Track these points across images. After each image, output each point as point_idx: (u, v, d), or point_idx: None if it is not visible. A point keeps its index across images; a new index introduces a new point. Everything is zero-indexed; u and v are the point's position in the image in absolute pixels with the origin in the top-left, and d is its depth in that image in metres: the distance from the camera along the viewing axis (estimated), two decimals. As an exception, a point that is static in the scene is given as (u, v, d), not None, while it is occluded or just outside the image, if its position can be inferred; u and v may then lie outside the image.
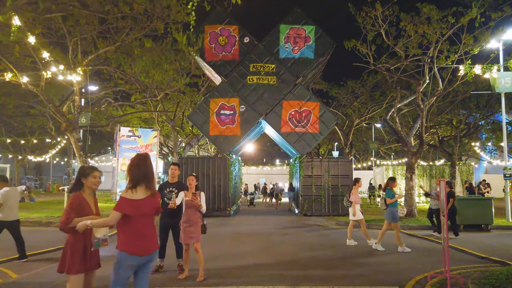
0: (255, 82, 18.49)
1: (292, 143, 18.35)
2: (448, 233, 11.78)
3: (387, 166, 28.22)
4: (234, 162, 19.42)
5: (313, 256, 8.54)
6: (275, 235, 12.00)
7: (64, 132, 14.20)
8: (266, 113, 18.42)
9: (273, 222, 15.87)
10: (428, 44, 14.44)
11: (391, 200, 9.13)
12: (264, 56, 18.52)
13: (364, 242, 10.31)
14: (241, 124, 18.43)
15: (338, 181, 18.10)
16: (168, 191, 7.00)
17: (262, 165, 46.61)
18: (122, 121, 31.22)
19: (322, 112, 18.43)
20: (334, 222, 15.34)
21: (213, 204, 17.98)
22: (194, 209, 6.32)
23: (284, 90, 18.48)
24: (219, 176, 18.09)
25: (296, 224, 14.98)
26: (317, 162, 18.47)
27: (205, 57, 18.49)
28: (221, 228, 13.60)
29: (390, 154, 42.42)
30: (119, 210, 3.57)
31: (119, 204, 3.60)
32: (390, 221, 9.24)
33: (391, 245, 9.76)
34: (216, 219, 16.78)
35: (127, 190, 3.67)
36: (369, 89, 26.46)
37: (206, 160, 18.53)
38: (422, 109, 14.54)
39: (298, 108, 18.43)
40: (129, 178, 3.78)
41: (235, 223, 15.29)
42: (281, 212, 21.03)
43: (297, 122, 18.37)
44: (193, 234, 6.23)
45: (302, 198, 18.16)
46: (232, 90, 18.46)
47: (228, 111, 18.46)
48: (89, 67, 13.73)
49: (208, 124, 18.41)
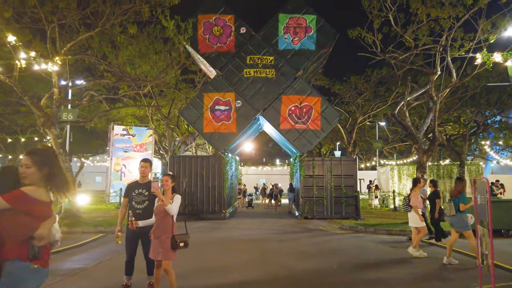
0: (252, 75, 17.25)
1: (292, 140, 17.09)
2: (435, 237, 10.73)
3: (392, 166, 26.89)
4: (229, 161, 18.18)
5: (314, 270, 7.27)
6: (271, 241, 10.73)
7: (43, 127, 12.95)
8: (264, 109, 17.16)
9: (270, 226, 14.61)
10: (440, 31, 13.17)
11: (466, 206, 7.84)
12: (261, 48, 17.27)
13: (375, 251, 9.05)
14: (237, 121, 17.18)
15: (342, 181, 16.82)
16: (137, 194, 5.76)
17: (262, 165, 45.39)
18: (115, 119, 30.07)
19: (324, 107, 17.17)
20: (337, 227, 14.06)
21: (207, 206, 16.74)
22: (163, 215, 5.08)
23: (283, 84, 17.23)
24: (213, 176, 16.86)
25: (295, 229, 13.71)
26: (319, 162, 17.20)
27: (199, 48, 17.27)
28: (212, 233, 12.35)
29: (394, 153, 41.13)
30: None
31: None
32: (461, 230, 7.91)
33: (399, 255, 8.50)
34: (210, 222, 15.53)
35: None
36: (373, 85, 25.20)
37: (200, 159, 17.29)
38: (435, 101, 13.25)
39: (298, 103, 17.18)
40: None
41: (229, 227, 14.04)
42: (280, 214, 19.77)
43: (297, 118, 17.11)
44: (159, 249, 4.98)
45: (303, 199, 16.90)
46: (227, 84, 17.22)
47: (223, 106, 17.23)
48: (69, 56, 12.50)
49: (201, 121, 17.17)
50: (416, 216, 8.52)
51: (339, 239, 11.24)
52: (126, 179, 28.51)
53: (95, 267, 7.49)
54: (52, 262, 7.69)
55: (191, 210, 16.69)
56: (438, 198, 10.34)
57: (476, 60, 12.02)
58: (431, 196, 10.51)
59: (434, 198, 10.37)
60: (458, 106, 24.02)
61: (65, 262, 7.88)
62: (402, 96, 24.53)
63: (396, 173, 26.29)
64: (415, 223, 8.60)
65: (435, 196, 10.36)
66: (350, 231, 13.07)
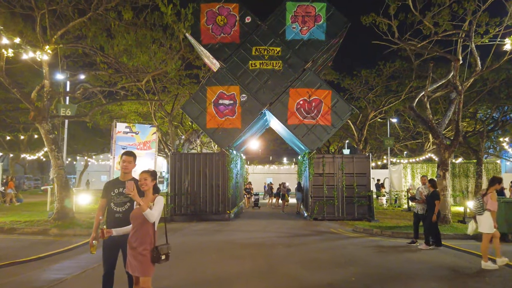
0: (258, 67, 16.22)
1: (301, 137, 16.04)
2: (429, 242, 9.37)
3: (405, 165, 25.67)
4: (234, 159, 17.20)
5: (329, 283, 6.23)
6: (278, 246, 9.71)
7: (33, 122, 12.07)
8: (271, 103, 16.13)
9: (277, 228, 13.59)
10: (463, 16, 12.01)
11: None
12: (268, 38, 16.22)
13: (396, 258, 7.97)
14: (242, 116, 16.17)
15: (354, 180, 15.73)
16: (116, 194, 4.76)
17: (269, 164, 44.34)
18: (118, 117, 29.28)
19: (334, 101, 16.08)
20: (350, 229, 12.98)
21: (211, 206, 15.77)
22: (141, 222, 4.08)
23: (291, 77, 16.17)
24: (217, 175, 15.88)
25: (304, 231, 12.68)
26: (329, 159, 16.12)
27: (201, 39, 16.28)
28: (214, 236, 11.35)
29: (404, 151, 39.84)
30: None
31: None
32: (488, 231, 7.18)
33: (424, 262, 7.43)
34: (213, 223, 14.56)
35: None
36: (385, 79, 24.02)
37: (203, 156, 16.32)
38: (460, 91, 12.06)
39: (307, 97, 16.12)
40: None
41: (233, 229, 13.05)
42: (288, 215, 18.72)
43: (306, 113, 16.05)
44: (135, 263, 3.98)
45: (312, 199, 15.84)
46: (232, 76, 16.21)
47: (227, 100, 16.23)
48: (60, 45, 11.59)
49: (204, 116, 16.20)
50: (490, 221, 7.26)
51: (353, 244, 10.17)
52: (129, 178, 27.74)
53: (76, 278, 6.54)
54: (30, 270, 6.71)
55: (194, 210, 15.74)
56: (438, 200, 9.32)
57: (505, 44, 10.83)
58: (431, 197, 9.46)
59: (433, 199, 9.34)
60: (475, 101, 22.79)
61: (45, 271, 6.96)
62: (416, 90, 23.38)
63: (410, 172, 25.08)
64: (488, 228, 7.31)
65: (435, 197, 9.33)
66: (365, 234, 11.99)
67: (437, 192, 9.42)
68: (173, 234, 11.89)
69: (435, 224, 9.36)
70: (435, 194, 9.36)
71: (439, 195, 9.46)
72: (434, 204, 9.26)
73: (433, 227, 9.37)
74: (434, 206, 9.23)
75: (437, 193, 9.41)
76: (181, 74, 24.92)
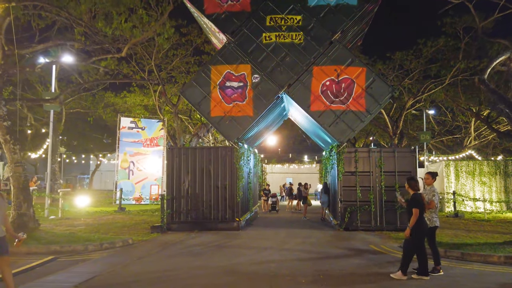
0: (274, 41, 13.12)
1: (327, 126, 12.83)
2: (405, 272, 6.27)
3: (447, 162, 21.93)
4: (247, 155, 14.18)
5: None
6: (301, 281, 6.55)
7: None
8: (289, 85, 12.99)
9: (299, 242, 10.44)
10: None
11: None
12: (286, 4, 13.09)
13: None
14: (254, 101, 13.11)
15: (395, 180, 12.42)
16: None
17: (288, 163, 41.11)
18: (122, 110, 26.74)
19: (370, 80, 12.81)
20: (397, 245, 9.71)
21: (216, 212, 12.79)
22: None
23: (314, 52, 12.98)
24: (224, 173, 12.89)
25: (336, 249, 9.48)
26: (364, 153, 12.85)
27: (204, 9, 13.32)
28: (211, 258, 8.31)
29: (441, 148, 35.86)
30: None
31: None
32: None
33: None
34: (218, 235, 11.58)
35: None
36: (424, 62, 20.48)
37: (206, 151, 13.32)
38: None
39: (335, 77, 12.90)
40: None
41: (241, 245, 9.99)
42: (311, 222, 15.51)
43: (333, 96, 12.84)
44: None
45: (342, 204, 12.62)
46: (241, 53, 13.17)
47: (236, 82, 13.20)
48: (12, 3, 8.80)
49: (208, 102, 13.21)
50: None
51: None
52: (135, 178, 25.16)
53: None
54: None
55: (195, 217, 12.79)
56: (416, 207, 6.65)
57: None
58: (408, 203, 6.92)
59: (410, 206, 6.76)
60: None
61: None
62: (463, 74, 19.77)
63: (453, 170, 21.37)
64: None
65: (413, 203, 6.77)
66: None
67: (417, 197, 6.71)
68: (160, 251, 8.96)
69: (418, 242, 6.66)
70: (414, 199, 6.70)
71: (419, 200, 6.68)
72: (411, 213, 6.62)
73: (415, 246, 6.67)
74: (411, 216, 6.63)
75: (418, 198, 6.69)
76: (188, 61, 22.20)
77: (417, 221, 6.53)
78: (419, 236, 6.64)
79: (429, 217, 7.07)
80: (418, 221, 6.54)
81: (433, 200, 7.04)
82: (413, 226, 6.53)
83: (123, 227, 13.04)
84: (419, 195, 6.79)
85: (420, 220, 6.57)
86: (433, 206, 7.06)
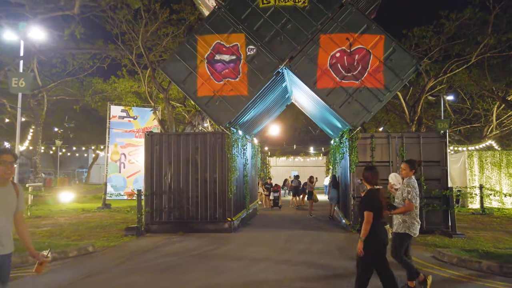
0: (272, 4, 10.87)
1: (337, 107, 10.59)
2: None
3: (471, 152, 19.54)
4: (241, 142, 12.03)
5: None
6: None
7: None
8: (292, 57, 10.74)
9: (303, 250, 8.27)
10: None
11: None
12: (287, -40, 10.83)
13: None
14: (250, 77, 10.89)
15: (421, 172, 10.18)
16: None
17: (293, 156, 38.86)
18: (112, 98, 24.62)
19: (390, 51, 10.53)
20: (429, 255, 7.49)
21: (204, 211, 10.67)
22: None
23: (322, 17, 10.72)
24: (213, 164, 10.74)
25: (349, 260, 7.28)
26: (382, 139, 10.63)
27: (189, -33, 11.11)
28: (186, 275, 6.17)
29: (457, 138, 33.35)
30: None
31: None
32: None
33: None
34: (205, 238, 9.48)
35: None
36: (445, 39, 18.02)
37: (192, 137, 11.13)
38: None
39: (347, 47, 10.62)
40: None
41: (229, 253, 7.84)
42: (317, 221, 13.34)
43: (345, 70, 10.59)
44: None
45: (355, 201, 10.42)
46: (233, 20, 10.94)
47: (227, 55, 10.98)
48: None
49: (194, 79, 11.02)
50: None
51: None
52: (127, 171, 23.16)
53: None
54: None
55: (179, 217, 10.67)
56: (368, 210, 4.51)
57: None
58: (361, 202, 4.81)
59: (361, 207, 4.67)
60: None
61: None
62: (491, 51, 17.39)
63: (477, 162, 19.02)
64: None
65: (363, 204, 4.70)
66: (463, 269, 6.50)
67: (372, 194, 4.51)
68: (121, 263, 6.86)
69: (369, 260, 4.41)
70: (368, 197, 4.55)
71: (375, 199, 4.48)
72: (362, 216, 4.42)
73: (364, 267, 4.45)
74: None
75: (372, 196, 4.49)
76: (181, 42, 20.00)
77: (371, 230, 4.34)
78: (372, 252, 4.35)
79: (409, 222, 5.09)
80: (372, 231, 4.35)
81: (409, 199, 4.98)
82: (366, 237, 4.34)
83: (95, 228, 11.00)
84: (375, 192, 4.51)
85: (375, 229, 4.36)
86: (411, 208, 4.99)
